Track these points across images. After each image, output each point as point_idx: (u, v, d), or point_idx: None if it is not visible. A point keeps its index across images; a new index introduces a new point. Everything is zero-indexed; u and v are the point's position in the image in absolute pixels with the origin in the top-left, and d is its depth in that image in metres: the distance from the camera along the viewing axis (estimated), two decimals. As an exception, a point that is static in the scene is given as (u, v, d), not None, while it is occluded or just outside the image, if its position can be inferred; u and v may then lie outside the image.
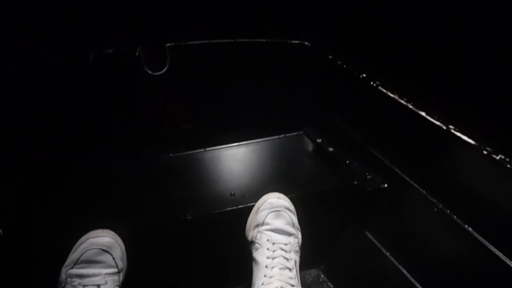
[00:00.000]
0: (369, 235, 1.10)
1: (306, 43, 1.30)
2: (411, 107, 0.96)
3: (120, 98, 1.23)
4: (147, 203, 1.06)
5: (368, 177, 1.07)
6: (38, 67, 1.13)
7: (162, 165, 1.24)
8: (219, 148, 1.29)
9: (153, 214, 1.02)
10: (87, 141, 1.22)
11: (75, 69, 1.15)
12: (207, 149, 1.29)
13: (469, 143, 0.83)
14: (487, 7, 0.86)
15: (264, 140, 1.31)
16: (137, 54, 1.20)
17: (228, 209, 1.01)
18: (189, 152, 1.28)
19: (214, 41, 1.25)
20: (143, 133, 1.26)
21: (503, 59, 0.84)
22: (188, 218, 0.98)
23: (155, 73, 1.23)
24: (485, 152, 0.79)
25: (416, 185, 0.98)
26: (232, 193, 1.08)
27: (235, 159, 1.25)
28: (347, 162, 1.13)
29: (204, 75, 1.28)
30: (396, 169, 1.04)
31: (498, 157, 0.77)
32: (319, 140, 1.23)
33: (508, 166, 0.75)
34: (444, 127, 0.88)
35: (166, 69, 1.24)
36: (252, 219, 0.99)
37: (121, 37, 1.22)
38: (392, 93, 1.02)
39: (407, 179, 1.00)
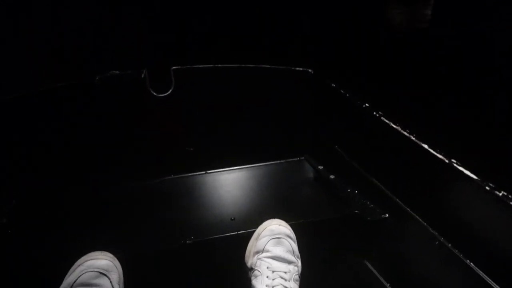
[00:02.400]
0: (368, 265, 1.09)
1: (310, 70, 1.32)
2: (413, 139, 0.97)
3: (124, 119, 1.24)
4: (146, 226, 1.06)
5: (369, 206, 1.08)
6: (43, 87, 1.14)
7: (163, 187, 1.24)
8: (220, 171, 1.30)
9: (152, 238, 1.02)
10: (89, 163, 1.22)
11: (80, 90, 1.16)
12: (208, 172, 1.29)
13: (472, 178, 0.83)
14: (486, 42, 0.89)
15: (265, 165, 1.32)
16: (142, 76, 1.22)
17: (228, 234, 1.01)
18: (190, 175, 1.28)
19: (219, 65, 1.27)
20: (145, 154, 1.27)
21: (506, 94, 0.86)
22: (187, 242, 0.97)
23: (160, 95, 1.24)
24: (487, 188, 0.80)
25: (417, 217, 0.97)
26: (233, 218, 1.08)
27: (236, 183, 1.25)
28: (348, 190, 1.13)
29: (208, 98, 1.30)
30: (397, 199, 1.04)
31: (500, 194, 0.78)
32: (320, 167, 1.24)
33: (511, 203, 0.76)
34: (447, 161, 0.88)
35: (171, 92, 1.25)
36: (252, 246, 0.98)
37: (127, 59, 1.24)
38: (394, 124, 1.03)
39: (408, 210, 1.00)
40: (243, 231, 1.01)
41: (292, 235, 0.99)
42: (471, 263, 0.84)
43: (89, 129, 1.21)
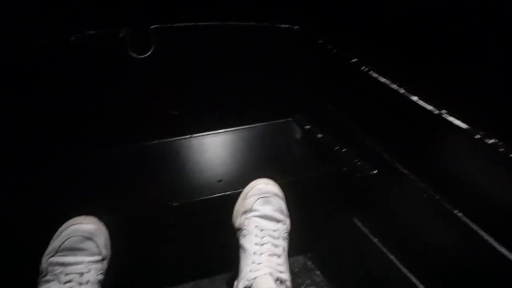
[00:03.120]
0: (357, 222, 1.09)
1: (296, 27, 1.27)
2: (402, 91, 0.94)
3: (104, 82, 1.19)
4: (132, 189, 1.03)
5: (357, 163, 1.06)
6: (10, 48, 1.08)
7: (148, 151, 1.21)
8: (206, 135, 1.26)
9: (138, 201, 0.99)
10: (69, 128, 1.17)
11: (55, 51, 1.10)
12: (194, 135, 1.26)
13: (461, 128, 0.82)
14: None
15: (252, 127, 1.29)
16: (120, 36, 1.16)
17: (215, 195, 0.99)
18: (175, 139, 1.25)
19: (201, 23, 1.22)
20: (128, 119, 1.22)
21: (495, 45, 0.83)
22: (174, 204, 0.96)
23: (140, 56, 1.19)
24: (477, 137, 0.78)
25: (406, 172, 0.96)
26: (220, 180, 1.06)
27: (223, 146, 1.22)
28: (336, 148, 1.11)
29: (191, 58, 1.24)
30: (386, 155, 1.02)
31: (490, 141, 0.76)
32: (307, 127, 1.21)
33: (501, 150, 0.74)
34: (436, 112, 0.86)
35: (151, 52, 1.20)
36: (239, 206, 0.97)
37: (103, 18, 1.18)
38: (383, 77, 1.00)
39: (397, 165, 0.99)
40: (230, 192, 0.99)
41: (280, 193, 0.98)
42: (460, 213, 0.84)
43: (65, 93, 1.15)
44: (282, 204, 0.96)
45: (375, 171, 1.03)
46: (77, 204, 0.92)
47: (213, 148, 1.22)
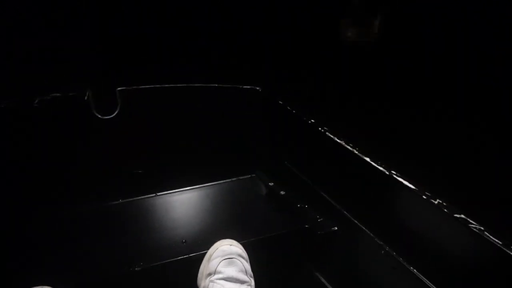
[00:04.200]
0: (320, 277, 1.11)
1: (258, 88, 1.34)
2: (356, 152, 1.01)
3: (68, 142, 1.20)
4: (93, 253, 1.01)
5: (318, 220, 1.10)
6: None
7: (111, 211, 1.20)
8: (171, 193, 1.27)
9: (99, 265, 0.97)
10: (30, 188, 1.16)
11: (18, 114, 1.11)
12: (158, 194, 1.26)
13: (410, 188, 0.88)
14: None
15: (217, 184, 1.31)
16: (86, 98, 1.18)
17: (180, 258, 0.99)
18: (139, 198, 1.25)
19: (166, 85, 1.26)
20: (91, 178, 1.22)
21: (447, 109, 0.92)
22: (136, 269, 0.94)
23: (105, 117, 1.21)
24: (424, 197, 0.84)
25: (364, 228, 1.01)
26: (184, 241, 1.06)
27: (188, 204, 1.23)
28: (298, 205, 1.15)
29: (155, 119, 1.28)
30: (345, 212, 1.07)
31: (436, 202, 0.82)
32: (271, 184, 1.25)
33: (445, 210, 0.80)
34: (387, 172, 0.93)
35: (117, 113, 1.22)
36: (204, 268, 0.97)
37: (70, 81, 1.21)
38: (338, 139, 1.06)
39: (356, 221, 1.03)
40: (194, 254, 1.00)
41: (244, 254, 0.99)
42: (414, 270, 0.88)
43: (30, 154, 1.15)
44: (246, 265, 0.97)
45: (336, 228, 1.07)
46: (33, 272, 0.90)
47: (178, 207, 1.22)
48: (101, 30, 1.25)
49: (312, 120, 1.15)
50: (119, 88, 1.23)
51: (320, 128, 1.12)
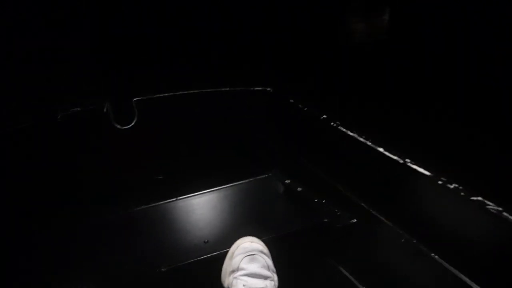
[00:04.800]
0: (343, 270, 1.12)
1: (269, 89, 1.36)
2: (369, 144, 1.02)
3: (91, 154, 1.24)
4: (121, 257, 1.05)
5: (337, 213, 1.11)
6: (2, 129, 1.13)
7: (135, 217, 1.24)
8: (191, 196, 1.30)
9: (127, 268, 1.01)
10: (59, 197, 1.21)
11: (43, 130, 1.16)
12: (179, 198, 1.30)
13: (425, 175, 0.88)
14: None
15: (234, 185, 1.33)
16: (105, 110, 1.23)
17: (203, 257, 1.02)
18: (161, 203, 1.28)
19: (180, 92, 1.30)
20: (115, 186, 1.27)
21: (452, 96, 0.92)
22: (162, 270, 0.97)
23: (124, 127, 1.25)
24: (440, 182, 0.85)
25: (383, 218, 1.01)
26: (206, 241, 1.09)
27: (208, 206, 1.26)
28: (316, 200, 1.16)
29: (172, 125, 1.32)
30: (362, 203, 1.08)
31: (452, 186, 0.83)
32: (287, 181, 1.27)
33: (462, 194, 0.81)
34: (401, 161, 0.93)
35: (135, 123, 1.27)
36: (227, 266, 0.99)
37: (88, 94, 1.26)
38: (351, 132, 1.08)
39: (374, 212, 1.04)
40: (217, 252, 1.02)
41: (266, 250, 1.01)
42: (436, 256, 0.88)
43: (57, 167, 1.20)
44: (268, 261, 0.99)
45: (354, 220, 1.08)
46: (66, 275, 0.94)
47: (199, 209, 1.25)
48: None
49: (324, 116, 1.17)
50: (135, 99, 1.27)
51: (332, 123, 1.13)
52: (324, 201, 1.17)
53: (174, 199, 1.29)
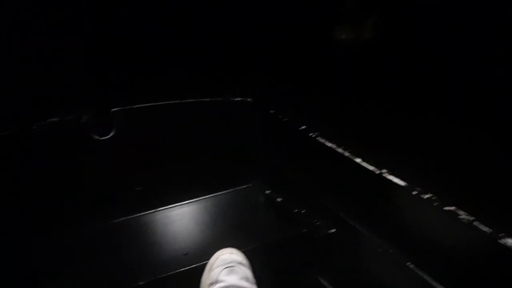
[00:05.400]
0: (322, 280, 1.12)
1: (249, 99, 1.37)
2: (347, 154, 1.03)
3: (68, 166, 1.22)
4: (97, 271, 1.03)
5: (316, 223, 1.12)
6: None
7: (113, 229, 1.22)
8: (170, 207, 1.30)
9: (104, 282, 0.99)
10: (34, 211, 1.18)
11: (17, 141, 1.14)
12: (158, 209, 1.29)
13: (400, 185, 0.90)
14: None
15: (214, 196, 1.33)
16: (82, 121, 1.21)
17: (182, 269, 1.01)
18: (140, 214, 1.27)
19: (159, 103, 1.30)
20: (92, 198, 1.25)
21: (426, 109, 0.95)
22: (140, 283, 0.96)
23: (102, 138, 1.24)
24: (414, 193, 0.87)
25: (361, 228, 1.03)
26: (186, 253, 1.08)
27: (187, 217, 1.25)
28: (296, 211, 1.17)
29: (151, 136, 1.31)
30: (342, 214, 1.09)
31: (426, 196, 0.85)
32: (268, 192, 1.27)
33: (436, 204, 0.83)
34: (378, 172, 0.95)
35: (113, 134, 1.25)
36: (205, 278, 0.99)
37: (65, 105, 1.24)
38: (330, 142, 1.09)
39: (352, 223, 1.05)
40: (196, 265, 1.01)
41: (245, 261, 1.01)
42: (412, 265, 0.90)
43: (32, 179, 1.17)
44: (247, 272, 0.99)
45: (333, 230, 1.09)
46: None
47: (178, 221, 1.24)
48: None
49: (304, 127, 1.18)
50: (113, 109, 1.26)
51: (311, 134, 1.14)
52: (304, 211, 1.17)
53: (153, 210, 1.28)
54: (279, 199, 1.23)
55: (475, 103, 0.88)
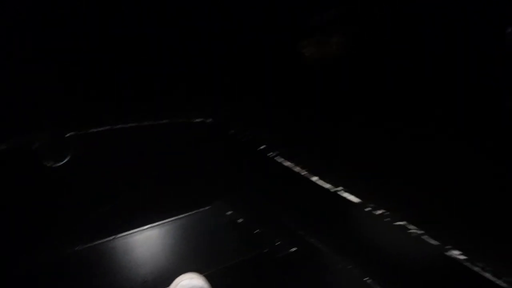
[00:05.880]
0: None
1: (208, 120, 1.37)
2: (304, 173, 1.05)
3: (19, 194, 1.17)
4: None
5: (277, 244, 1.12)
6: None
7: (68, 260, 1.17)
8: (130, 234, 1.26)
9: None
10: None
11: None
12: (117, 236, 1.25)
13: (355, 202, 0.93)
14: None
15: (175, 219, 1.31)
16: (34, 147, 1.17)
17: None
18: (97, 242, 1.23)
19: (116, 126, 1.28)
20: (46, 227, 1.20)
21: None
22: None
23: (55, 165, 1.20)
24: (367, 209, 0.89)
25: (320, 246, 1.04)
26: (145, 281, 1.05)
27: (148, 244, 1.23)
28: (256, 232, 1.17)
29: (109, 161, 1.28)
30: (303, 232, 1.10)
31: (378, 212, 0.87)
32: (229, 213, 1.27)
33: (387, 219, 0.85)
34: (333, 189, 0.97)
35: (68, 160, 1.22)
36: (166, 306, 0.97)
37: (16, 129, 1.19)
38: (288, 161, 1.11)
39: (312, 241, 1.07)
40: (155, 293, 0.99)
41: (206, 285, 1.00)
42: (369, 280, 0.92)
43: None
44: (209, 296, 0.98)
45: (294, 249, 1.10)
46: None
47: (138, 247, 1.21)
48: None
49: (263, 146, 1.19)
50: (68, 134, 1.23)
51: (269, 153, 1.16)
52: (265, 231, 1.18)
53: (112, 237, 1.24)
54: (239, 220, 1.23)
55: (424, 116, 0.93)
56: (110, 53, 1.27)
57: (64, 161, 1.21)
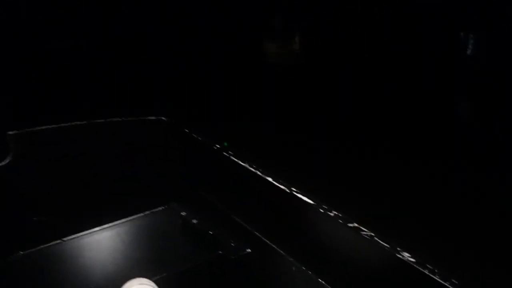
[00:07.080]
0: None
1: (163, 118, 1.32)
2: (259, 173, 1.03)
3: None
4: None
5: (232, 245, 1.10)
6: None
7: (11, 266, 1.10)
8: (79, 236, 1.20)
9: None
10: None
11: None
12: (65, 239, 1.18)
13: (309, 203, 0.91)
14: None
15: (128, 220, 1.26)
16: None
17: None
18: (43, 246, 1.16)
19: (64, 124, 1.21)
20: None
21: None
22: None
23: (-4, 165, 1.12)
24: (321, 210, 0.88)
25: (274, 246, 1.03)
26: (92, 287, 1.00)
27: (97, 247, 1.17)
28: (211, 232, 1.14)
29: (56, 160, 1.21)
30: (257, 233, 1.08)
31: (332, 214, 0.87)
32: (183, 214, 1.23)
33: (340, 221, 0.85)
34: (288, 190, 0.96)
35: (10, 160, 1.14)
36: (113, 314, 0.92)
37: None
38: (243, 162, 1.08)
39: (268, 242, 1.05)
40: (103, 300, 0.94)
41: (156, 291, 0.96)
42: (322, 281, 0.91)
43: None
44: (159, 303, 0.94)
45: (249, 251, 1.08)
46: None
47: (87, 251, 1.15)
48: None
49: (218, 146, 1.16)
50: (10, 132, 1.15)
51: (225, 153, 1.13)
52: (219, 232, 1.15)
53: (59, 241, 1.17)
54: (194, 221, 1.19)
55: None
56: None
57: (6, 161, 1.13)
